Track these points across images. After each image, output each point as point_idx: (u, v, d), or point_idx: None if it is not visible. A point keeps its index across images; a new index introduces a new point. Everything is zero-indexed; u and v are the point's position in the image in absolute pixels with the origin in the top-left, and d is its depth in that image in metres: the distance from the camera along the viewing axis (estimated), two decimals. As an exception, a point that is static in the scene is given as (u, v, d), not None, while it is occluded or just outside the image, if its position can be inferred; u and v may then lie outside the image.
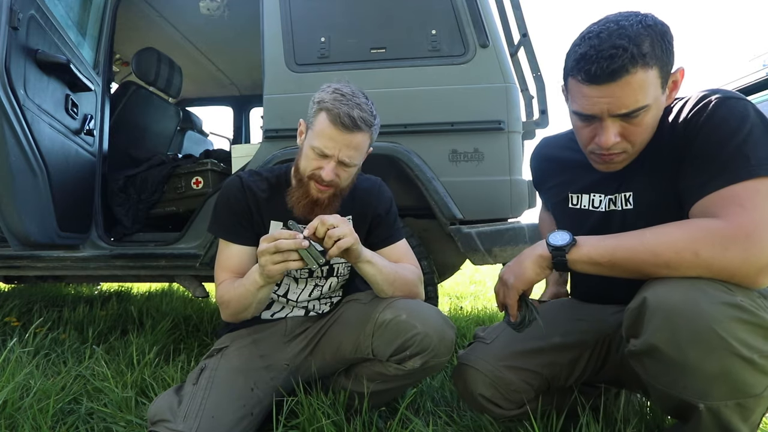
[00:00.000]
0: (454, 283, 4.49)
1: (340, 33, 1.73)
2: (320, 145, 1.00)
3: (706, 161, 0.76)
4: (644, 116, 0.78)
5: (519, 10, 1.84)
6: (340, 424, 1.04)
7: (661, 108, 0.82)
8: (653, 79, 0.76)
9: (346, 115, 0.97)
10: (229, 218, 1.11)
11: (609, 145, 0.82)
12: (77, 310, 2.22)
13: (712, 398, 0.69)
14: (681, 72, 0.81)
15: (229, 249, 1.11)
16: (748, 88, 4.06)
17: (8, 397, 1.13)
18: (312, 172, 1.03)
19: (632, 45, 0.73)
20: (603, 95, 0.77)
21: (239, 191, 1.12)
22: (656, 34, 0.75)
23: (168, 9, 2.55)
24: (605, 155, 0.85)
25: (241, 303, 1.02)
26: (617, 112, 0.78)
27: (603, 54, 0.74)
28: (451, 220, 1.59)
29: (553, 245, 0.81)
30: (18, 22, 1.40)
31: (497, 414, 1.02)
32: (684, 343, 0.68)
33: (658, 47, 0.74)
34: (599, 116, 0.80)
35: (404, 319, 1.01)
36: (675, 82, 0.82)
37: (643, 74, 0.74)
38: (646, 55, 0.73)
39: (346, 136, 0.99)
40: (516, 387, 0.99)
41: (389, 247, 1.17)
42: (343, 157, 1.01)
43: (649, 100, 0.77)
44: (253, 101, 3.71)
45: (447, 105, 1.64)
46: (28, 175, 1.47)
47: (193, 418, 0.91)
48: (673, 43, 0.77)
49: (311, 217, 1.06)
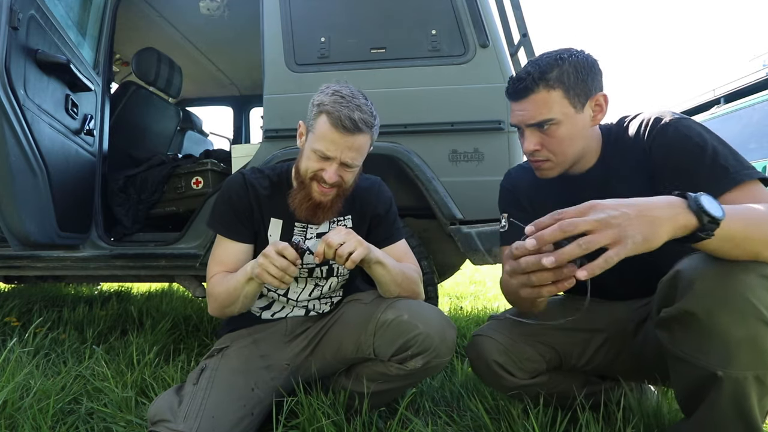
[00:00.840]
0: (454, 283, 4.49)
1: (340, 33, 1.73)
2: (322, 148, 1.00)
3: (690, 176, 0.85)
4: (555, 129, 0.94)
5: (519, 10, 1.84)
6: (340, 424, 1.04)
7: (579, 125, 0.95)
8: (557, 99, 0.92)
9: (347, 117, 0.97)
10: (229, 215, 1.11)
11: (529, 150, 0.98)
12: (77, 310, 2.22)
13: (734, 366, 0.70)
14: (603, 96, 0.95)
15: (225, 245, 1.12)
16: (748, 88, 4.06)
17: (8, 397, 1.13)
18: (314, 173, 1.03)
19: (536, 71, 0.92)
20: (519, 109, 0.97)
21: (242, 188, 1.12)
22: (568, 65, 0.92)
23: (168, 9, 2.55)
24: (533, 161, 1.01)
25: (229, 296, 1.03)
26: (529, 122, 0.96)
27: (517, 78, 0.96)
28: (451, 220, 1.59)
29: (712, 215, 0.65)
30: (18, 22, 1.40)
31: (510, 382, 1.04)
32: (716, 307, 0.70)
33: (565, 75, 0.92)
34: (521, 126, 0.99)
35: (406, 320, 1.01)
36: (599, 105, 0.96)
37: (546, 94, 0.92)
38: (549, 80, 0.91)
39: (348, 139, 0.99)
40: (529, 356, 1.03)
41: (389, 247, 1.18)
42: (345, 159, 1.01)
43: (553, 115, 0.93)
44: (253, 101, 3.71)
45: (447, 105, 1.64)
46: (28, 175, 1.47)
47: (193, 418, 0.91)
48: (590, 75, 0.93)
49: (314, 219, 1.08)
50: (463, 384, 1.38)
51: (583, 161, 1.02)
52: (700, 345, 0.74)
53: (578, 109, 0.94)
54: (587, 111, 0.95)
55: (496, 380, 1.07)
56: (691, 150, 0.86)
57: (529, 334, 1.06)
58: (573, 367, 1.08)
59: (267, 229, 1.14)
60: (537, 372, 1.05)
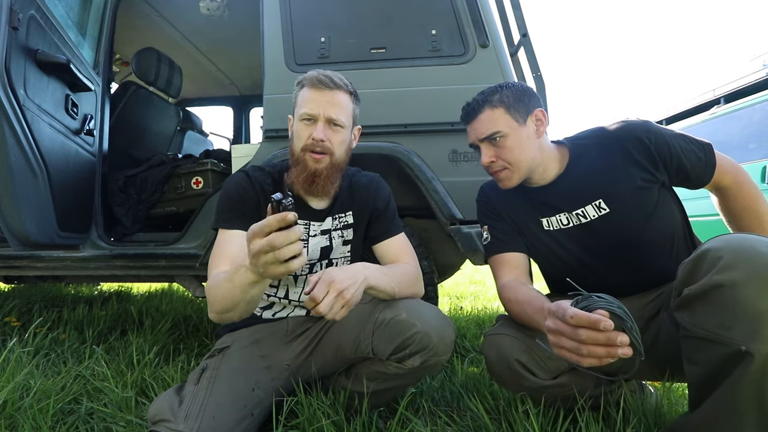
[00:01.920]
0: (454, 283, 4.49)
1: (340, 33, 1.73)
2: (306, 110, 1.06)
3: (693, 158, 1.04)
4: (504, 140, 1.09)
5: (519, 10, 1.84)
6: (340, 424, 1.04)
7: (524, 137, 1.09)
8: (501, 115, 1.09)
9: (322, 75, 1.06)
10: (231, 207, 1.09)
11: (486, 163, 1.12)
12: (77, 310, 2.22)
13: (760, 340, 0.69)
14: (541, 111, 1.11)
15: (226, 236, 1.05)
16: (748, 88, 4.05)
17: (8, 397, 1.13)
18: (305, 143, 1.07)
19: (481, 97, 1.12)
20: (471, 129, 1.14)
21: (247, 183, 1.12)
22: (507, 89, 1.10)
23: (168, 9, 2.55)
24: (492, 173, 1.14)
25: (227, 301, 0.88)
26: (480, 137, 1.11)
27: (467, 104, 1.15)
28: (451, 220, 1.59)
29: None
30: (18, 22, 1.40)
31: (531, 383, 1.01)
32: (743, 279, 0.70)
33: (504, 97, 1.09)
34: (477, 144, 1.14)
35: (404, 318, 1.01)
36: (539, 119, 1.11)
37: (491, 112, 1.09)
38: (492, 101, 1.10)
39: (327, 93, 1.06)
40: (550, 353, 0.98)
41: (388, 241, 1.19)
42: (329, 113, 1.06)
43: (500, 128, 1.08)
44: (253, 101, 3.71)
45: (447, 105, 1.64)
46: (28, 175, 1.47)
47: (194, 418, 0.91)
48: (526, 96, 1.10)
49: (312, 189, 1.10)
50: (463, 384, 1.38)
51: (543, 172, 1.13)
52: (723, 320, 0.72)
53: (521, 123, 1.09)
54: (530, 124, 1.10)
55: (516, 381, 1.03)
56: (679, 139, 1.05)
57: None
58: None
59: None
60: (559, 371, 1.02)
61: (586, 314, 0.70)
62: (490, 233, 1.21)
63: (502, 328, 1.07)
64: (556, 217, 1.13)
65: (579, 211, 1.10)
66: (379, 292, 1.01)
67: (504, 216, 1.21)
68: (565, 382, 1.03)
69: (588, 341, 0.70)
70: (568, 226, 1.12)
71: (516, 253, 1.17)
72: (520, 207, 1.19)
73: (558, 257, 1.15)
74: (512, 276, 1.12)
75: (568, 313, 0.72)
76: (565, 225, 1.13)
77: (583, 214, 1.09)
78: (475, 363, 1.63)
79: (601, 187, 1.07)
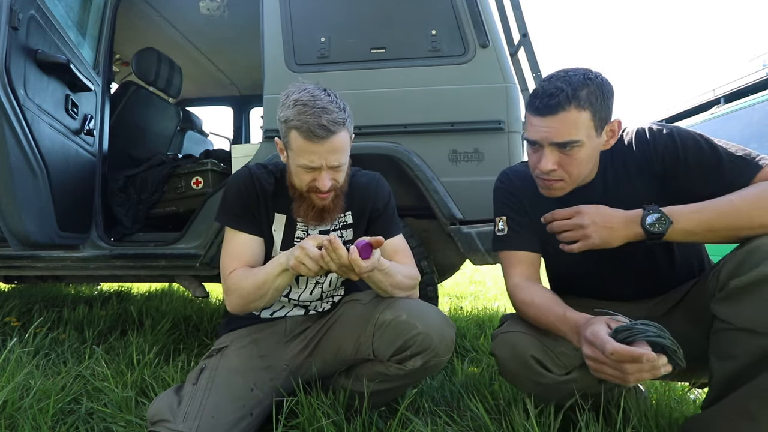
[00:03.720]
0: (454, 283, 4.49)
1: (340, 33, 1.73)
2: (306, 162, 1.01)
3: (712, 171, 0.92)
4: (578, 151, 0.94)
5: (519, 10, 1.84)
6: (340, 424, 1.04)
7: (595, 149, 0.97)
8: (586, 120, 0.92)
9: (316, 126, 0.96)
10: (238, 207, 1.12)
11: (546, 170, 0.97)
12: (77, 310, 2.22)
13: None
14: (618, 123, 0.98)
15: (237, 237, 1.11)
16: (748, 88, 4.05)
17: (8, 397, 1.13)
18: (308, 186, 1.05)
19: (569, 88, 0.91)
20: (544, 125, 0.94)
21: (249, 181, 1.13)
22: (595, 86, 0.92)
23: (168, 9, 2.55)
24: (545, 179, 1.00)
25: (258, 290, 1.02)
26: (554, 140, 0.94)
27: (547, 92, 0.93)
28: (451, 220, 1.59)
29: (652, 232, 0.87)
30: (18, 22, 1.40)
31: (547, 379, 0.98)
32: None
33: (593, 96, 0.92)
34: (540, 143, 0.96)
35: (405, 320, 1.01)
36: (612, 130, 0.98)
37: (577, 114, 0.91)
38: (581, 99, 0.91)
39: (325, 144, 0.98)
40: (563, 348, 0.99)
41: (388, 242, 1.18)
42: (330, 163, 1.01)
43: (580, 137, 0.92)
44: (253, 101, 3.71)
45: (447, 105, 1.64)
46: (28, 175, 1.47)
47: (192, 418, 0.91)
48: (612, 99, 0.95)
49: (323, 222, 1.11)
50: (463, 384, 1.38)
51: (584, 178, 1.04)
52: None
53: (598, 133, 0.96)
54: (603, 136, 0.97)
55: (531, 378, 1.00)
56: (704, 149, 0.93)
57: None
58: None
59: (272, 224, 1.15)
60: (572, 366, 1.00)
61: (628, 351, 0.71)
62: (508, 225, 1.13)
63: (514, 326, 1.04)
64: None
65: None
66: (380, 281, 1.03)
67: (528, 210, 1.13)
68: (577, 378, 1.00)
69: (632, 372, 0.73)
70: None
71: (532, 252, 1.11)
72: (546, 203, 1.09)
73: (572, 259, 1.08)
74: (525, 275, 1.09)
75: (608, 350, 0.73)
76: None
77: None
78: (475, 363, 1.63)
79: (621, 198, 1.01)
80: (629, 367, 0.72)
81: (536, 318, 1.00)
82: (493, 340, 1.08)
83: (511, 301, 1.09)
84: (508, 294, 1.10)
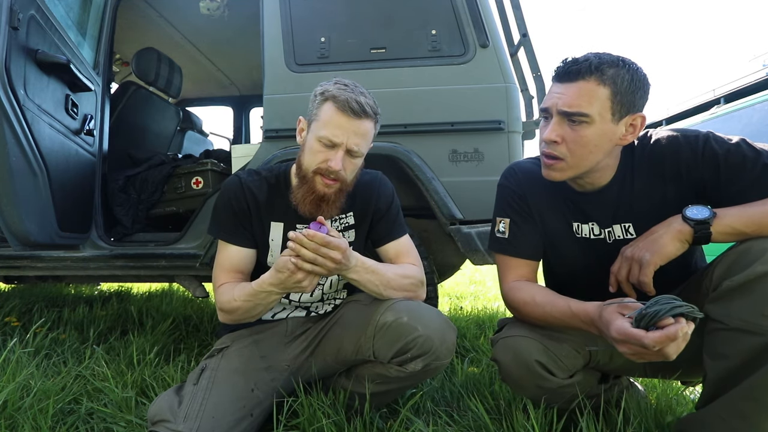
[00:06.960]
0: (454, 283, 4.49)
1: (340, 33, 1.73)
2: (328, 134, 0.99)
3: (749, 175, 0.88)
4: (585, 128, 0.90)
5: (519, 10, 1.84)
6: (341, 424, 1.04)
7: (607, 135, 0.91)
8: (602, 97, 0.88)
9: (354, 101, 0.98)
10: (228, 219, 1.11)
11: (549, 139, 0.93)
12: (77, 310, 2.22)
13: None
14: (642, 118, 0.92)
15: (227, 250, 1.11)
16: (748, 88, 4.05)
17: (8, 397, 1.13)
18: (318, 165, 1.02)
19: (597, 61, 0.88)
20: (559, 91, 0.92)
21: (239, 192, 1.11)
22: (626, 71, 0.88)
23: (168, 9, 2.55)
24: (546, 153, 0.95)
25: (249, 308, 1.02)
26: (562, 108, 0.90)
27: (574, 59, 0.91)
28: (451, 220, 1.59)
29: (695, 219, 0.85)
30: (18, 22, 1.40)
31: (550, 383, 0.98)
32: None
33: (620, 78, 0.88)
34: (551, 111, 0.93)
35: (405, 322, 1.00)
36: (633, 125, 0.92)
37: (595, 86, 0.88)
38: (605, 74, 0.87)
39: (355, 123, 0.99)
40: (566, 352, 0.98)
41: (391, 244, 1.17)
42: (351, 144, 1.00)
43: (591, 111, 0.88)
44: (253, 101, 3.71)
45: (447, 105, 1.64)
46: (28, 175, 1.46)
47: (193, 418, 0.91)
48: (642, 92, 0.90)
49: (318, 212, 1.04)
50: (463, 384, 1.38)
51: (596, 176, 0.99)
52: (764, 309, 0.75)
53: (614, 120, 0.90)
54: (621, 127, 0.91)
55: (534, 383, 0.98)
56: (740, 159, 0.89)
57: (557, 331, 1.01)
58: (597, 364, 1.05)
59: (268, 234, 1.13)
60: (575, 369, 1.00)
61: (665, 336, 0.72)
62: (509, 229, 1.08)
63: (515, 330, 1.02)
64: (588, 225, 1.05)
65: (609, 229, 1.03)
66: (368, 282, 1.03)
67: (533, 212, 1.08)
68: (580, 380, 1.01)
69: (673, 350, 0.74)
70: (596, 237, 1.05)
71: (531, 261, 1.08)
72: (554, 203, 1.07)
73: (576, 262, 1.09)
74: (521, 278, 1.07)
75: (649, 344, 0.73)
76: (596, 235, 1.05)
77: (610, 231, 1.03)
78: (475, 363, 1.63)
79: (634, 209, 0.99)
80: (670, 347, 0.73)
81: (539, 316, 0.98)
82: (494, 345, 1.06)
83: (506, 302, 1.07)
84: (502, 296, 1.09)
